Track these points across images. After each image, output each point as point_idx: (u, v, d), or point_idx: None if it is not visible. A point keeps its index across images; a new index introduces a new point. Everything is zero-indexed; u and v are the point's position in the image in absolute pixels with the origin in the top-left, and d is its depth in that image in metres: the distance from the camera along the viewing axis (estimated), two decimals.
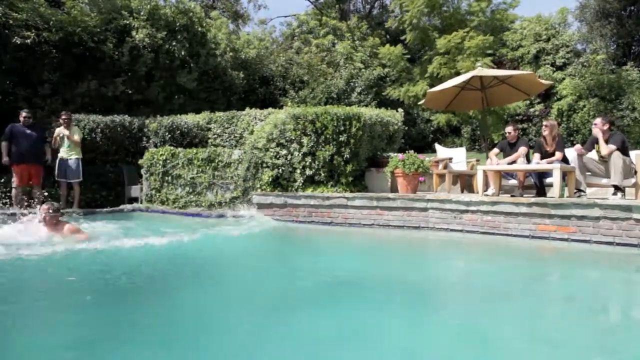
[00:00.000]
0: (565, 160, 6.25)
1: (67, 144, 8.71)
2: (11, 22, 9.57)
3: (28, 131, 8.32)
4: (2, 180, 8.16)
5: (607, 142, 5.85)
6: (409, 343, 2.32)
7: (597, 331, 2.58)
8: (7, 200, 8.16)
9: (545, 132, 6.42)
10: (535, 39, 20.14)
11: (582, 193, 5.92)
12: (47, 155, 8.63)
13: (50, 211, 4.95)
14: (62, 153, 8.69)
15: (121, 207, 9.06)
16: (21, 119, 8.40)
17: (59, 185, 8.82)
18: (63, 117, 8.69)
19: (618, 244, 5.02)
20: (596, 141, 6.00)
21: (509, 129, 6.88)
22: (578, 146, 6.14)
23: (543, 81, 8.45)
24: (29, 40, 9.68)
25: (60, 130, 8.71)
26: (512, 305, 3.05)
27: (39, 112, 9.41)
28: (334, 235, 6.47)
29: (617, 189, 5.63)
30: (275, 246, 5.95)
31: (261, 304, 3.01)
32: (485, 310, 2.92)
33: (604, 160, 5.92)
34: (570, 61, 19.54)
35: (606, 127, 5.89)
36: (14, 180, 8.21)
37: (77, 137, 8.77)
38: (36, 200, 8.33)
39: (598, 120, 5.97)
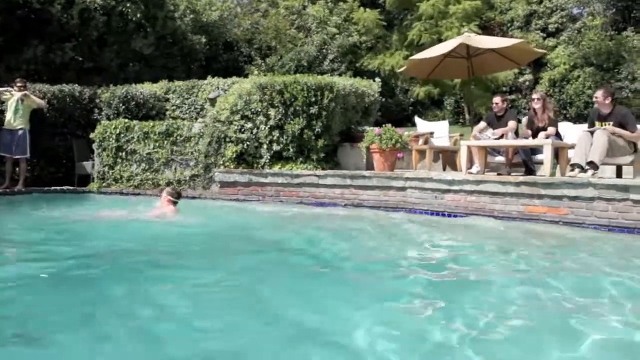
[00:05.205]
0: (558, 136, 5.81)
1: (19, 111, 7.84)
2: None
3: None
4: None
5: (607, 118, 5.31)
6: None
7: None
8: None
9: (537, 106, 5.91)
10: (527, 1, 19.18)
11: (582, 171, 5.27)
12: None
13: (165, 194, 5.63)
14: (8, 122, 7.83)
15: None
16: None
17: (2, 160, 8.02)
18: (18, 84, 7.98)
19: (613, 227, 4.68)
20: (596, 118, 5.45)
21: (496, 99, 6.40)
22: (611, 127, 5.29)
23: (536, 49, 7.99)
24: None
25: (17, 94, 7.83)
26: None
27: None
28: None
29: (593, 166, 5.05)
30: None
31: None
32: None
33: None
34: (565, 26, 18.64)
35: (608, 100, 5.30)
36: None
37: (39, 101, 8.10)
38: None
39: (599, 94, 5.36)
